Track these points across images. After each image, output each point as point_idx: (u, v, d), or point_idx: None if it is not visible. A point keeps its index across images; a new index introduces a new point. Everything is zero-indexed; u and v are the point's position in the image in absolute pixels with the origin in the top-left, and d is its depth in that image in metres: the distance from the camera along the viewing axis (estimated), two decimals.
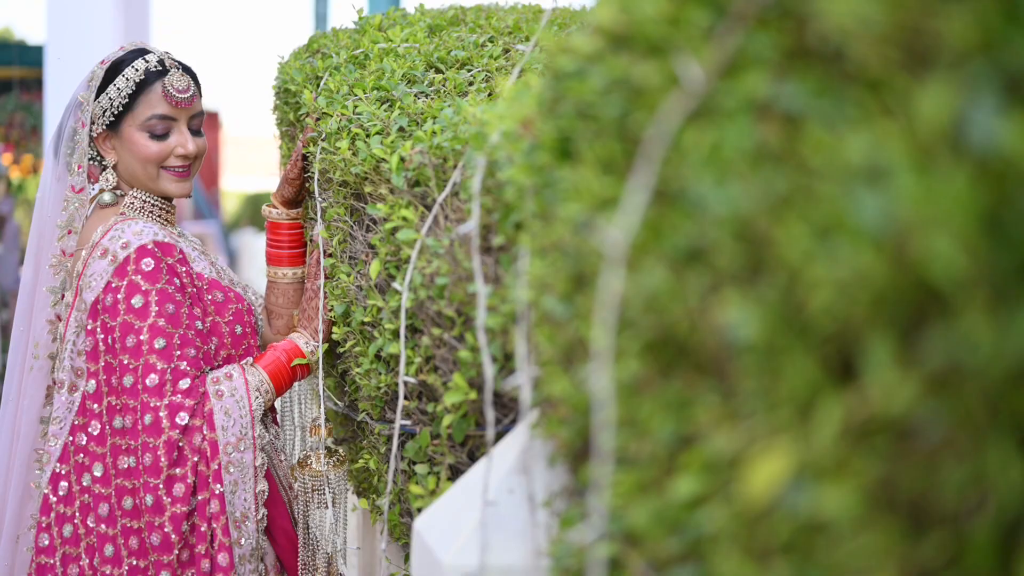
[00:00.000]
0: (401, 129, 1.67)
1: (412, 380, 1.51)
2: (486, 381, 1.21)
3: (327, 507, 1.92)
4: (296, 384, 1.99)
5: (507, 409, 1.39)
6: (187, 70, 1.95)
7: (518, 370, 1.09)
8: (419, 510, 1.48)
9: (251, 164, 20.18)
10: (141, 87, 1.89)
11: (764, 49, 0.62)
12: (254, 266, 10.35)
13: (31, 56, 8.08)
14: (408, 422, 1.56)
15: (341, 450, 1.97)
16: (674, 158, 0.69)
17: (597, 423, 0.77)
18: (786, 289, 0.57)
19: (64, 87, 4.80)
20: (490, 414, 1.21)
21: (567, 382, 0.94)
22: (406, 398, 1.55)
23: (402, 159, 1.56)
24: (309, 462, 1.91)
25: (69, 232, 1.90)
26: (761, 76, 0.62)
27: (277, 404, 2.07)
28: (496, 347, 1.29)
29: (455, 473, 1.50)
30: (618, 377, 0.78)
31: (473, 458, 1.49)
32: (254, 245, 10.99)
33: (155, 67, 1.90)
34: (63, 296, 1.89)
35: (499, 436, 1.32)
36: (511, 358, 1.27)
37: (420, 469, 1.54)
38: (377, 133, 1.68)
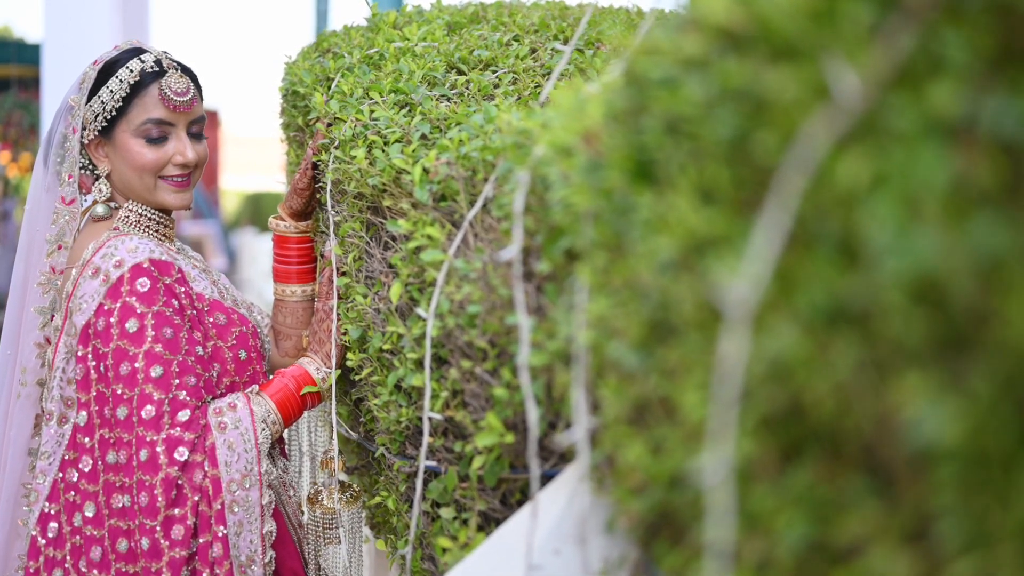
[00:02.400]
0: (423, 136, 1.52)
1: (438, 416, 1.35)
2: (530, 428, 1.06)
3: (339, 543, 1.76)
4: (306, 412, 1.84)
5: (547, 452, 1.23)
6: (186, 71, 1.79)
7: (575, 423, 0.94)
8: (446, 563, 1.33)
9: (251, 163, 20.06)
10: (136, 89, 1.73)
11: (955, 52, 0.47)
12: (255, 267, 10.21)
13: (29, 54, 8.04)
14: (433, 461, 1.41)
15: (355, 485, 1.81)
16: (815, 192, 0.54)
17: (711, 516, 0.61)
18: (1008, 381, 0.42)
19: (62, 86, 4.66)
20: (534, 465, 1.06)
21: (642, 447, 0.79)
22: (430, 435, 1.40)
23: (426, 170, 1.41)
24: (321, 498, 1.76)
25: (59, 247, 1.74)
26: (951, 88, 0.47)
27: (285, 434, 1.92)
28: (538, 387, 1.13)
29: (486, 520, 1.35)
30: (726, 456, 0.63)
31: (506, 503, 1.34)
32: (254, 245, 10.85)
33: (151, 68, 1.74)
34: (52, 317, 1.73)
35: (540, 481, 1.17)
36: (555, 400, 1.12)
37: (445, 513, 1.39)
38: (396, 141, 1.53)
